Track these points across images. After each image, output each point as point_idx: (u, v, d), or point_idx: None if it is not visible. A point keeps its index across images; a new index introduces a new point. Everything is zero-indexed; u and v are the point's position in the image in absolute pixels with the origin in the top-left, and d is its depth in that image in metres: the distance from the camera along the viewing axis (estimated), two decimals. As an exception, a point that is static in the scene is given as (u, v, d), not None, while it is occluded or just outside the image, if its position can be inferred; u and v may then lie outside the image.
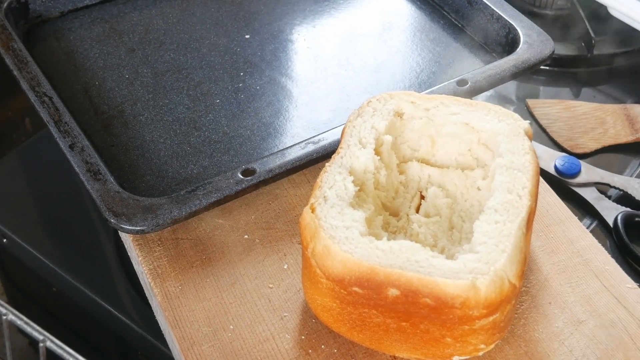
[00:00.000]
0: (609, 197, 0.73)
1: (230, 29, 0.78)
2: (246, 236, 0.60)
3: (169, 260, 0.58)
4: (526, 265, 0.47)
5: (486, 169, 0.54)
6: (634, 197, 0.72)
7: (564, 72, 0.90)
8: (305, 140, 0.62)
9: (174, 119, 0.68)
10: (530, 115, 0.83)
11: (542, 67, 0.71)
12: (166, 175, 0.63)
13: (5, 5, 0.74)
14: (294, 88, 0.72)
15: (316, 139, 0.62)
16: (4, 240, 0.82)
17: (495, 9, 0.75)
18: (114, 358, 0.86)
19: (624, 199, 0.73)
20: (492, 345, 0.50)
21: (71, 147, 0.60)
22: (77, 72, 0.72)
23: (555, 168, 0.74)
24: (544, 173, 0.73)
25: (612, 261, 0.59)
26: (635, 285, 0.58)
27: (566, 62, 0.89)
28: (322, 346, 0.53)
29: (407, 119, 0.56)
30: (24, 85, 0.65)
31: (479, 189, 0.53)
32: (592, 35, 0.88)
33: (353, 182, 0.51)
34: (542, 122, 0.82)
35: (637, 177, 0.76)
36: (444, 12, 0.80)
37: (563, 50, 0.89)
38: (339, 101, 0.70)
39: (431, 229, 0.53)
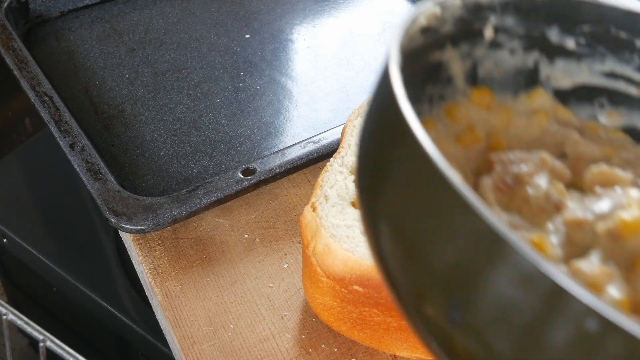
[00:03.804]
0: (609, 197, 0.73)
1: (230, 29, 0.78)
2: (246, 235, 0.60)
3: (170, 259, 0.58)
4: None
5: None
6: (634, 197, 0.72)
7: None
8: (306, 139, 0.62)
9: (174, 119, 0.68)
10: (530, 115, 0.83)
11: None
12: (166, 174, 0.63)
13: (5, 5, 0.74)
14: (294, 88, 0.72)
15: (316, 138, 0.62)
16: (4, 240, 0.82)
17: (495, 8, 0.75)
18: (114, 358, 0.86)
19: (624, 198, 0.73)
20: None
21: (71, 146, 0.60)
22: (77, 72, 0.72)
23: (555, 168, 0.74)
24: (544, 173, 0.73)
25: (612, 260, 0.59)
26: (635, 284, 0.58)
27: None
28: (323, 345, 0.53)
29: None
30: (24, 85, 0.65)
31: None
32: (592, 35, 0.88)
33: (354, 181, 0.51)
34: (542, 121, 0.82)
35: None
36: (444, 12, 0.80)
37: (563, 50, 0.89)
38: (339, 101, 0.70)
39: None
